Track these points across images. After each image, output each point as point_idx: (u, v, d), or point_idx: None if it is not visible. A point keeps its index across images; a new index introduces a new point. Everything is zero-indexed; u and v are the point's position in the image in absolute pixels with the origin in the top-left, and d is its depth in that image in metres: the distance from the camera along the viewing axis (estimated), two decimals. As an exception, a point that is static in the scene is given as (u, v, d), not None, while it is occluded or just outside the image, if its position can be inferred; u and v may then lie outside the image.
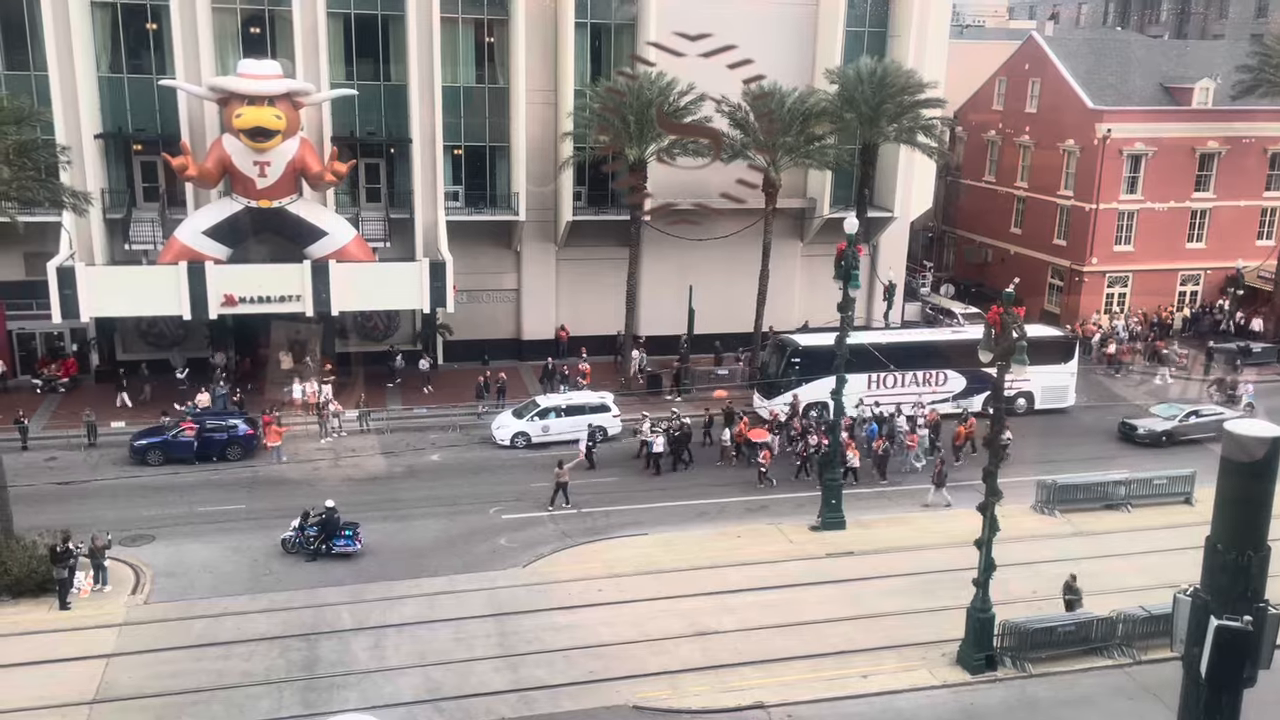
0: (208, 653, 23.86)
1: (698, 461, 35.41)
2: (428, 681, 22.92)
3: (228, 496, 32.48)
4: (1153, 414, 39.13)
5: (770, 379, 39.98)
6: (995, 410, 23.42)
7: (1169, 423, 38.29)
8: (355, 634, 24.82)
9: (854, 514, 31.38)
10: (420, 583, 27.34)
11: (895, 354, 39.24)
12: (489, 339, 45.04)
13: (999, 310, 22.31)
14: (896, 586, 27.26)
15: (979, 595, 23.67)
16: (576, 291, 45.84)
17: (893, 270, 49.14)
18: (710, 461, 35.69)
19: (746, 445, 35.47)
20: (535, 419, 37.08)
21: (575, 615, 25.75)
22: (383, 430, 38.39)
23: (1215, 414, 38.74)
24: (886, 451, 34.82)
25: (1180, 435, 38.02)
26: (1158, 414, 38.99)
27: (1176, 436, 37.99)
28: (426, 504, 32.27)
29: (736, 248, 44.99)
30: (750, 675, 23.32)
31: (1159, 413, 39.06)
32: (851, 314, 30.73)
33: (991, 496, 23.30)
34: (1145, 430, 38.24)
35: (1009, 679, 23.63)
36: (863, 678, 23.34)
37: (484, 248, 44.44)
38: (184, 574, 27.60)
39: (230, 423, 35.77)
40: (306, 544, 28.60)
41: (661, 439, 34.57)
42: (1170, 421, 38.33)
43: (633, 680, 23.04)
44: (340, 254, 39.07)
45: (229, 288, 37.75)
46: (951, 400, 40.48)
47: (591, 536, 30.42)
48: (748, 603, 26.39)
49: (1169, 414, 38.72)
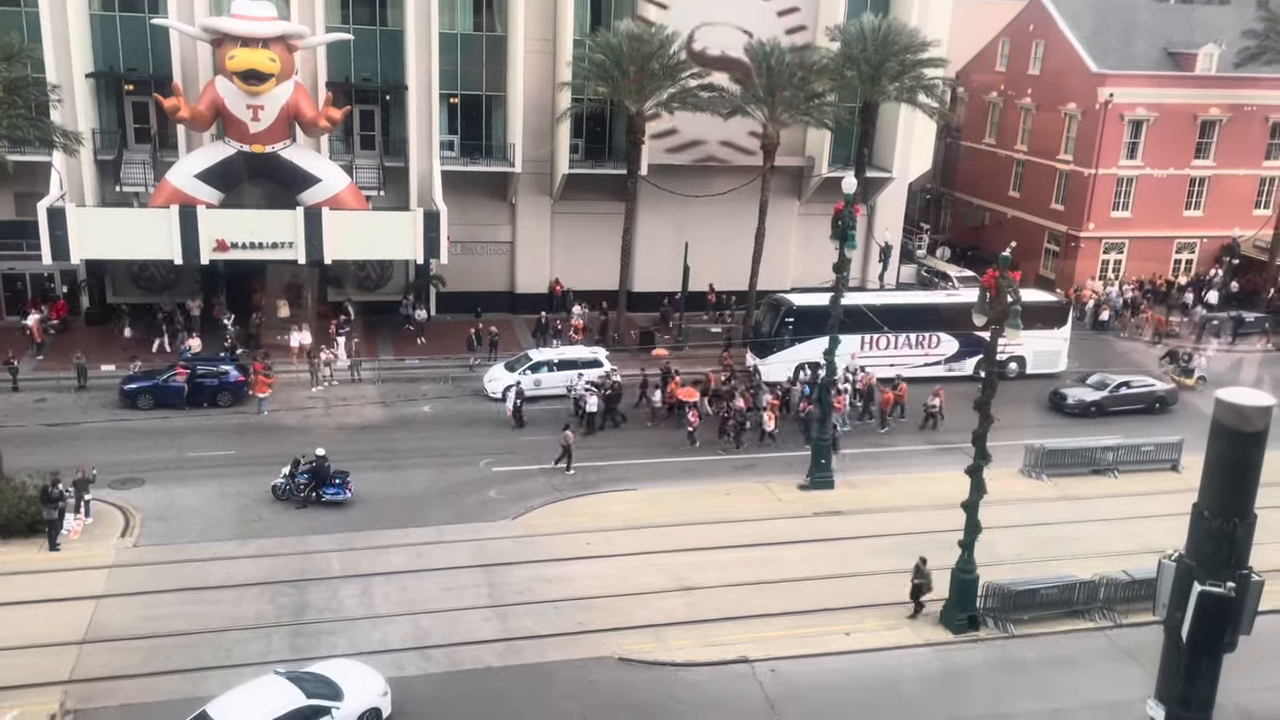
0: (196, 596, 23.98)
1: (630, 421, 35.09)
2: (416, 629, 23.10)
3: (218, 442, 32.48)
4: (1085, 384, 39.21)
5: (763, 338, 39.95)
6: (987, 374, 23.44)
7: (1099, 393, 38.36)
8: (344, 581, 24.96)
9: (844, 474, 31.52)
10: (410, 532, 27.45)
11: (889, 316, 39.22)
12: (482, 291, 44.87)
13: (994, 274, 22.24)
14: (882, 546, 27.46)
15: (964, 556, 23.87)
16: (571, 246, 45.61)
17: (889, 231, 48.96)
18: (642, 422, 35.40)
19: (677, 406, 35.37)
20: (527, 372, 37.06)
21: (563, 568, 25.91)
22: (374, 380, 38.35)
23: (1145, 386, 38.95)
24: (810, 416, 34.46)
25: (1109, 406, 38.09)
26: (1089, 384, 39.08)
27: (1105, 407, 38.05)
28: (417, 455, 32.33)
29: (733, 205, 44.79)
30: (734, 630, 23.55)
31: (1090, 383, 39.14)
32: (847, 275, 30.64)
33: (980, 460, 23.40)
34: (1075, 400, 38.30)
35: (991, 639, 23.90)
36: (846, 635, 23.58)
37: (479, 199, 44.12)
38: (173, 518, 27.66)
39: (221, 369, 35.68)
40: (297, 491, 28.66)
41: (595, 398, 34.44)
42: (1100, 392, 38.39)
43: (619, 632, 23.26)
44: (334, 201, 38.77)
45: (221, 232, 37.47)
46: (943, 363, 40.59)
47: (581, 491, 30.51)
48: (733, 559, 26.57)
49: (1100, 385, 38.80)
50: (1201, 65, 51.23)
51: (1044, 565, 26.37)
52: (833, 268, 29.76)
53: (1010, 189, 56.66)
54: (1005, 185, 56.90)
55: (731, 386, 35.82)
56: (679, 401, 35.18)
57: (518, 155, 42.63)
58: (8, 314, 41.29)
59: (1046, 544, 28.04)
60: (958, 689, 22.27)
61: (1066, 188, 52.72)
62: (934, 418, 36.01)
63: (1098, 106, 50.21)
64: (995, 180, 57.52)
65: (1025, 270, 50.28)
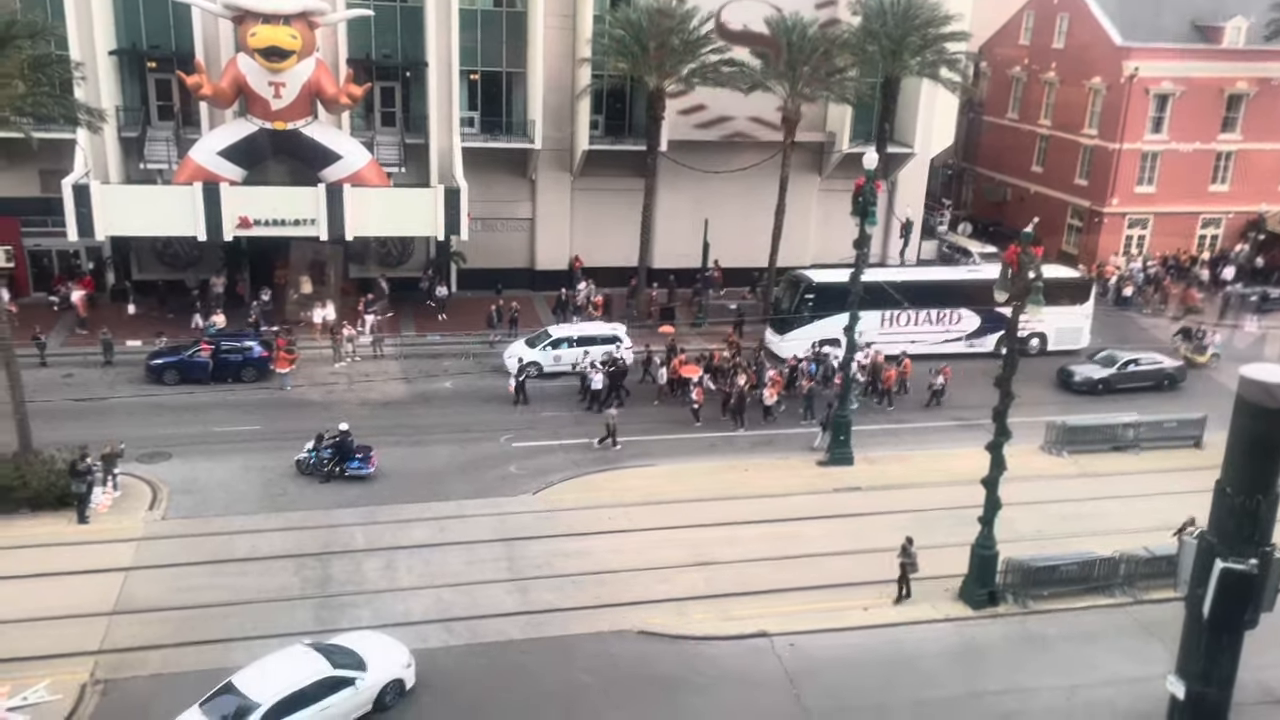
0: (223, 568, 24.31)
1: (636, 398, 35.02)
2: (439, 602, 23.34)
3: (243, 417, 32.78)
4: (1093, 361, 38.81)
5: (783, 314, 39.85)
6: (1009, 351, 23.32)
7: (1107, 370, 37.97)
8: (367, 554, 25.23)
9: (863, 450, 31.54)
10: (431, 506, 27.66)
11: (910, 292, 39.03)
12: (503, 268, 44.90)
13: (1016, 249, 22.10)
14: (902, 522, 27.38)
15: (984, 532, 23.86)
16: (591, 222, 45.53)
17: (910, 207, 48.63)
18: (648, 399, 35.27)
19: (680, 383, 35.18)
20: (547, 349, 37.14)
21: (584, 542, 26.08)
22: (396, 356, 38.53)
23: (1154, 364, 38.46)
24: (812, 393, 34.41)
25: (1117, 384, 37.71)
26: (1097, 361, 38.67)
27: (1113, 385, 37.67)
28: (439, 430, 32.52)
29: (753, 181, 44.55)
30: (753, 605, 23.68)
31: (1098, 360, 38.72)
32: (867, 251, 30.47)
33: (1000, 436, 23.33)
34: (1082, 378, 37.92)
35: (1011, 615, 23.92)
36: (864, 610, 23.66)
37: (499, 176, 44.07)
38: (200, 491, 28.00)
39: (246, 344, 35.95)
40: (320, 465, 28.92)
41: (600, 376, 34.41)
42: (1108, 369, 37.98)
43: (639, 606, 23.42)
44: (355, 178, 38.85)
45: (244, 209, 37.65)
46: (964, 339, 40.38)
47: (601, 466, 30.65)
48: (753, 534, 26.68)
49: (1108, 361, 38.41)
50: (1229, 38, 50.38)
51: (1064, 542, 26.32)
52: (853, 244, 29.64)
53: (1033, 164, 56.09)
54: (1028, 160, 56.31)
55: (735, 363, 35.66)
56: (682, 378, 35.11)
57: (538, 132, 42.53)
58: (35, 290, 41.69)
59: (1067, 520, 27.96)
60: (976, 664, 22.32)
61: (1090, 162, 52.12)
62: (937, 395, 35.82)
63: (1123, 80, 49.53)
64: (1018, 155, 56.93)
65: (1048, 246, 49.68)
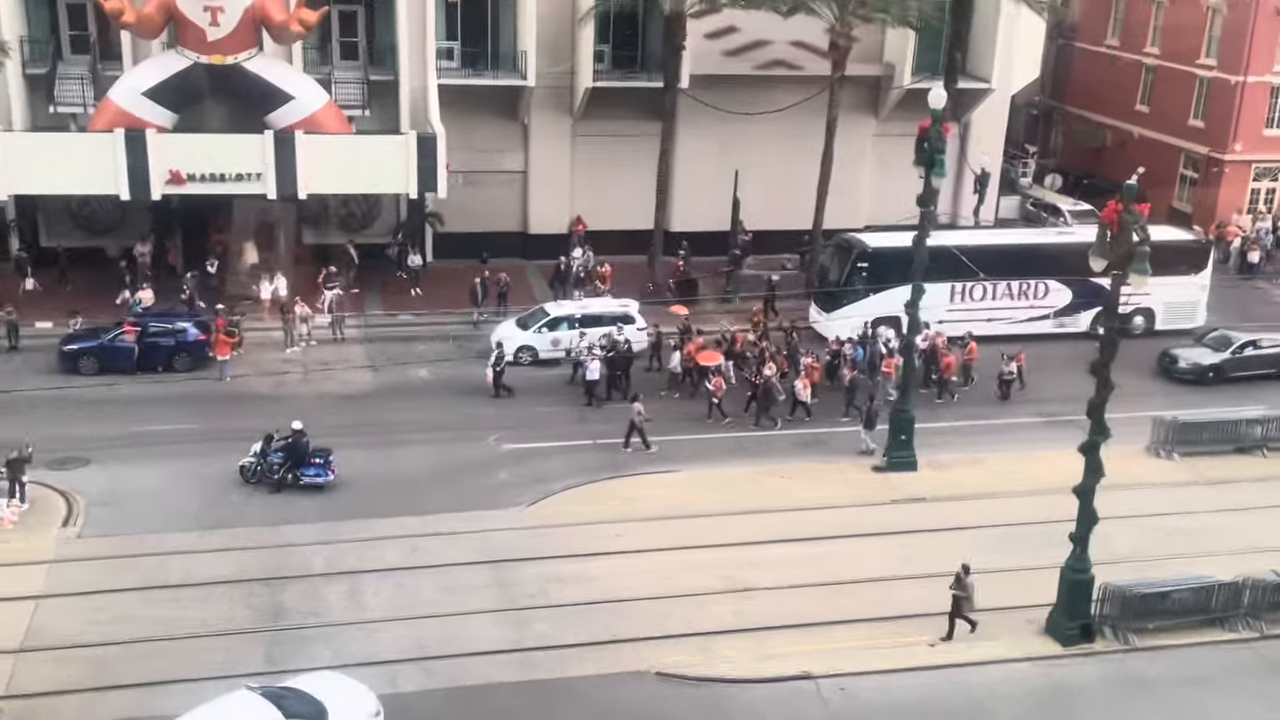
0: (153, 597, 24.42)
1: (644, 390, 34.75)
2: (413, 637, 23.40)
3: (176, 414, 32.88)
4: (1202, 344, 38.35)
5: (831, 287, 39.70)
6: (1107, 331, 23.21)
7: (1218, 354, 37.56)
8: (327, 579, 25.31)
9: (928, 452, 31.43)
10: (404, 522, 27.71)
11: (986, 259, 38.83)
12: (489, 232, 44.83)
13: (1117, 207, 21.95)
14: (975, 541, 27.33)
15: (1076, 552, 23.78)
16: (596, 176, 45.42)
17: (987, 156, 48.36)
18: (656, 390, 35.09)
19: (697, 372, 35.12)
20: (544, 330, 37.12)
21: (588, 565, 26.09)
22: (360, 340, 38.58)
23: (1277, 346, 38.02)
24: (855, 383, 34.17)
25: (1230, 371, 37.33)
26: (1207, 344, 38.24)
27: (1225, 372, 37.28)
28: (412, 429, 32.57)
29: (794, 125, 44.34)
30: (795, 640, 23.64)
31: (1208, 342, 38.29)
32: (934, 209, 30.28)
33: (1097, 435, 23.22)
34: (1189, 364, 37.55)
35: (1108, 652, 23.85)
36: (930, 647, 23.62)
37: (484, 119, 43.99)
38: (124, 504, 28.11)
39: (178, 326, 36.07)
40: (270, 472, 29.01)
41: (596, 364, 34.29)
42: (1220, 353, 37.56)
43: (655, 642, 23.43)
44: (309, 123, 38.83)
45: (175, 162, 37.67)
46: (1052, 317, 40.19)
47: (608, 473, 30.66)
48: (794, 555, 26.63)
49: (1220, 344, 37.99)
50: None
51: (1174, 563, 26.20)
52: (916, 201, 29.44)
53: (1137, 102, 55.65)
54: (1131, 97, 55.88)
55: (762, 348, 35.58)
56: (699, 366, 35.08)
57: (531, 66, 42.41)
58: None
59: (1177, 538, 27.84)
60: (1065, 713, 22.25)
61: (1208, 100, 51.68)
62: (1008, 385, 35.64)
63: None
64: (1118, 91, 56.48)
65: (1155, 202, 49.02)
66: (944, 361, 35.86)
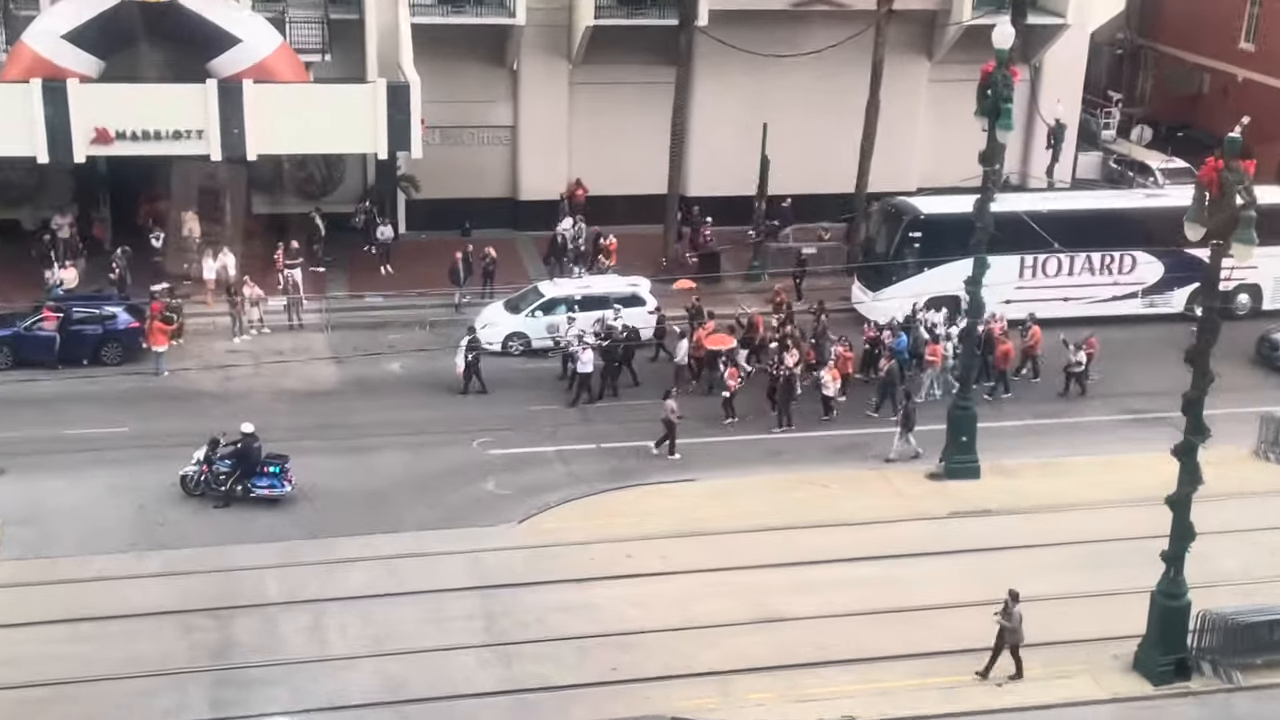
0: (79, 631, 24.44)
1: (646, 384, 35.06)
2: (386, 677, 23.42)
3: (105, 415, 32.98)
4: None
5: (878, 260, 39.65)
6: (1205, 311, 23.13)
7: None
8: (285, 609, 25.34)
9: (992, 456, 31.41)
10: (375, 541, 27.76)
11: (1061, 227, 38.68)
12: (472, 198, 44.96)
13: (1217, 164, 21.85)
14: (1050, 560, 27.37)
15: (1169, 574, 23.73)
16: (599, 132, 45.46)
17: (1062, 105, 48.25)
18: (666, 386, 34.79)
19: (706, 361, 35.09)
20: (538, 314, 37.15)
21: (592, 591, 26.15)
22: (321, 326, 38.69)
23: None
24: (893, 374, 34.01)
25: None
26: None
27: None
28: (383, 431, 32.63)
29: (833, 69, 44.23)
30: (835, 678, 23.67)
31: None
32: (1000, 168, 30.24)
33: (1193, 435, 23.17)
34: None
35: (1208, 692, 23.83)
36: (997, 686, 23.61)
37: (466, 66, 44.02)
38: (44, 521, 28.18)
39: (107, 311, 36.16)
40: (216, 483, 29.07)
41: (590, 354, 34.34)
42: None
43: (671, 682, 23.46)
44: (258, 71, 38.83)
45: (102, 118, 37.67)
46: (1141, 296, 40.10)
47: (614, 482, 30.72)
48: (835, 579, 26.68)
49: None
50: None
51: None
52: (978, 158, 29.42)
53: (1241, 39, 55.45)
54: (1233, 34, 55.67)
55: (784, 333, 35.43)
56: (708, 354, 35.06)
57: (520, 1, 42.43)
58: None
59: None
60: (1159, 763, 22.33)
61: (1325, 37, 51.53)
62: (1078, 380, 35.57)
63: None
64: (1218, 27, 56.30)
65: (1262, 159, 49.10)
66: (1000, 349, 35.71)
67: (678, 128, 42.47)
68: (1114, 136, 54.25)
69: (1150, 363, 35.87)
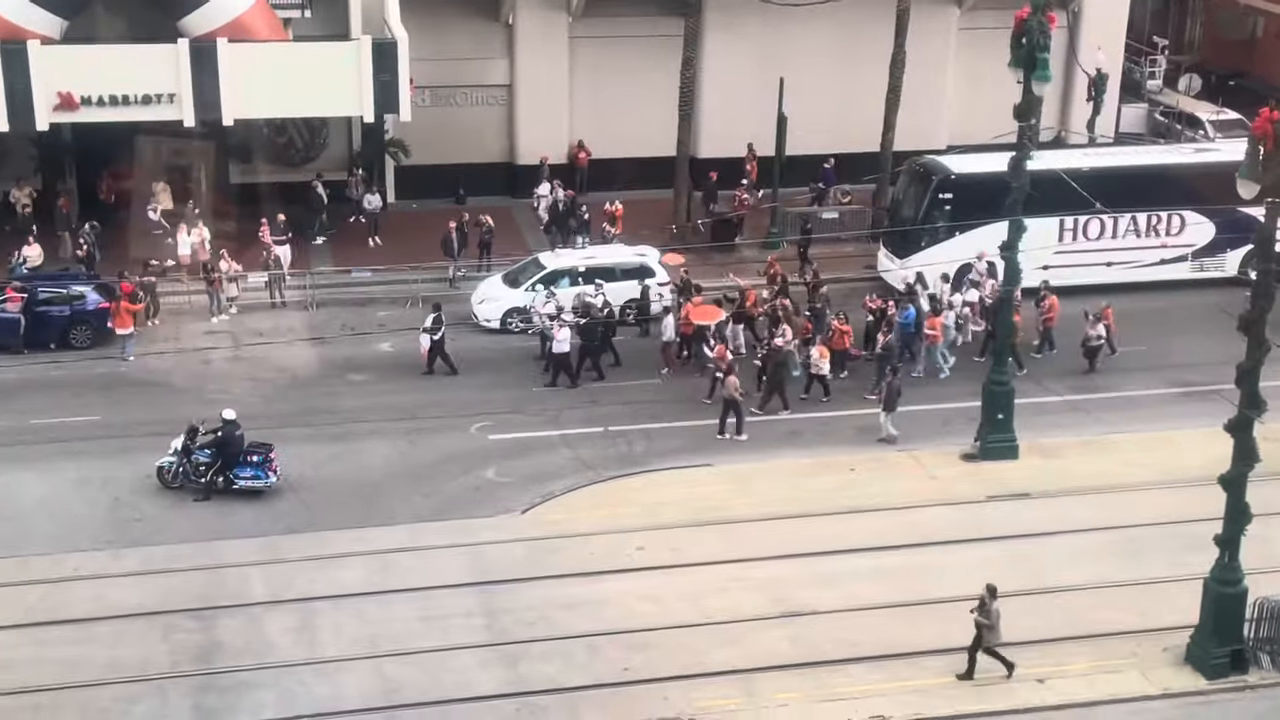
0: (51, 634, 24.52)
1: (632, 365, 35.09)
2: (381, 680, 23.50)
3: (75, 402, 33.05)
4: None
5: (905, 224, 39.57)
6: (1260, 275, 23.07)
7: None
8: (272, 609, 25.42)
9: (1030, 435, 31.42)
10: (367, 534, 27.83)
11: (1104, 186, 38.58)
12: (466, 164, 45.00)
13: (1273, 116, 21.78)
14: (1093, 546, 27.40)
15: (1223, 559, 23.71)
16: (601, 90, 45.43)
17: (1103, 52, 48.11)
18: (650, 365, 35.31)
19: (693, 338, 34.94)
20: (538, 288, 37.16)
21: (601, 585, 26.20)
22: (305, 304, 38.75)
23: None
24: (890, 349, 33.78)
25: None
26: None
27: None
28: (374, 417, 32.72)
29: (855, 18, 44.17)
30: (865, 676, 23.71)
31: None
32: (1037, 123, 30.13)
33: (1249, 410, 23.14)
34: None
35: (1267, 685, 23.79)
36: (1039, 682, 23.64)
37: (457, 20, 44.04)
38: (12, 519, 28.23)
39: (75, 291, 36.21)
40: (195, 474, 29.13)
41: (567, 332, 34.14)
42: None
43: (687, 682, 23.49)
44: (234, 29, 38.79)
45: (66, 82, 37.66)
46: (1190, 259, 40.01)
47: (626, 468, 30.77)
48: (865, 569, 26.72)
49: None
50: None
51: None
52: (1013, 113, 29.34)
53: (1297, -21, 55.19)
54: (1289, -27, 55.42)
55: (777, 306, 35.18)
56: (695, 330, 34.83)
57: (515, -51, 42.40)
58: None
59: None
60: (1213, 763, 22.38)
61: (1389, -25, 51.24)
62: (1096, 351, 35.42)
63: None
64: (1273, -34, 56.03)
65: (1321, 109, 49.13)
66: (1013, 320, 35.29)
67: (687, 84, 42.36)
68: (1160, 87, 53.97)
69: (1201, 332, 35.73)
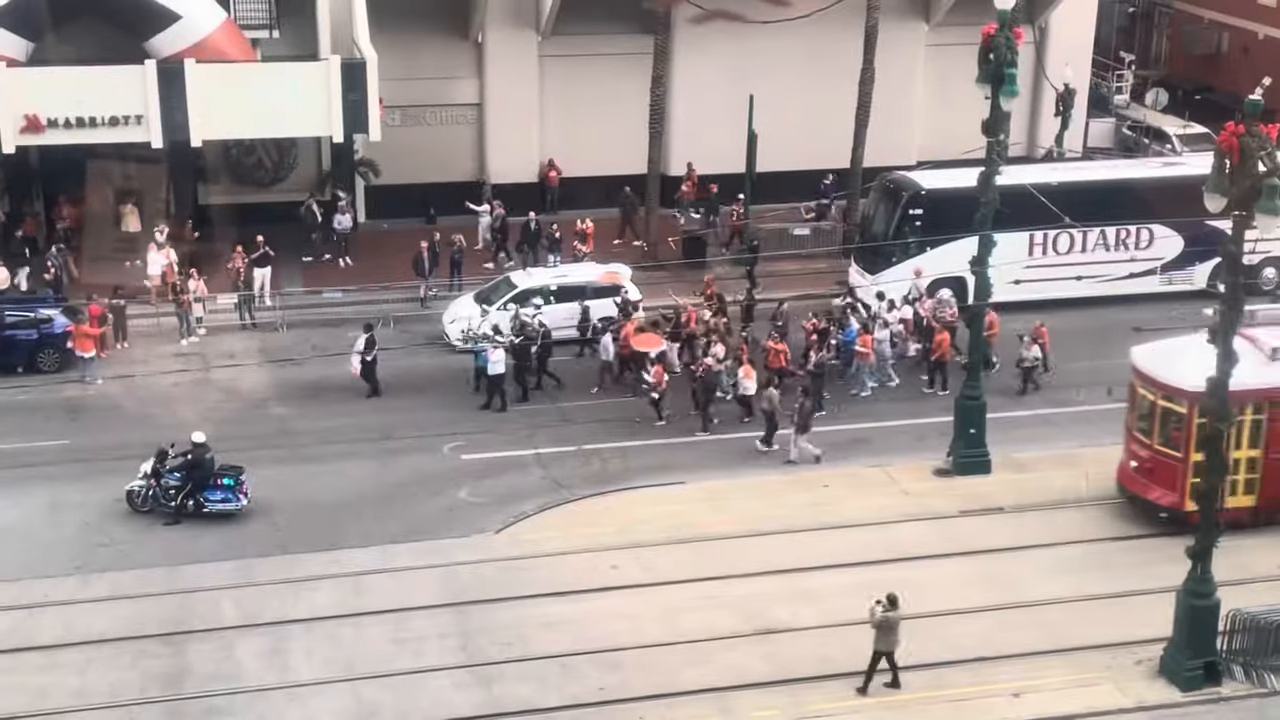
0: (20, 661, 24.37)
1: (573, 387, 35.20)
2: (356, 703, 23.43)
3: (43, 427, 32.92)
4: None
5: (876, 240, 39.69)
6: (1230, 287, 23.21)
7: None
8: (243, 633, 25.32)
9: (1003, 449, 31.55)
10: (340, 557, 27.78)
11: (1073, 200, 38.67)
12: (437, 183, 45.00)
13: (1238, 129, 21.93)
14: (1067, 560, 27.50)
15: (1196, 571, 23.78)
16: (572, 108, 45.51)
17: (1071, 68, 48.36)
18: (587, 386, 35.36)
19: (635, 361, 34.86)
20: (510, 307, 37.14)
21: (576, 604, 26.19)
22: (275, 324, 38.66)
23: None
24: (822, 367, 33.87)
25: None
26: None
27: None
28: (346, 438, 32.68)
29: (823, 35, 44.21)
30: (840, 692, 23.69)
31: None
32: (1005, 138, 30.26)
33: (1219, 422, 23.26)
34: None
35: (1240, 697, 23.87)
36: (1014, 696, 23.69)
37: (426, 39, 44.07)
38: (-20, 544, 28.17)
39: (42, 315, 36.02)
40: (165, 498, 29.01)
41: (500, 353, 34.05)
42: None
43: (662, 701, 23.48)
44: (202, 50, 38.76)
45: (32, 104, 37.60)
46: (1159, 272, 40.23)
47: (599, 487, 30.77)
48: (837, 585, 26.63)
49: None
50: None
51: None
52: (982, 128, 29.50)
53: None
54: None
55: (709, 326, 35.23)
56: (634, 354, 34.78)
57: (484, -32, 42.47)
58: None
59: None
60: (1189, 775, 22.45)
61: (1352, -11, 51.75)
62: (1031, 375, 35.31)
63: None
64: (1237, -19, 56.54)
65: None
66: (936, 339, 35.31)
67: (657, 101, 42.48)
68: (1127, 101, 54.38)
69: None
